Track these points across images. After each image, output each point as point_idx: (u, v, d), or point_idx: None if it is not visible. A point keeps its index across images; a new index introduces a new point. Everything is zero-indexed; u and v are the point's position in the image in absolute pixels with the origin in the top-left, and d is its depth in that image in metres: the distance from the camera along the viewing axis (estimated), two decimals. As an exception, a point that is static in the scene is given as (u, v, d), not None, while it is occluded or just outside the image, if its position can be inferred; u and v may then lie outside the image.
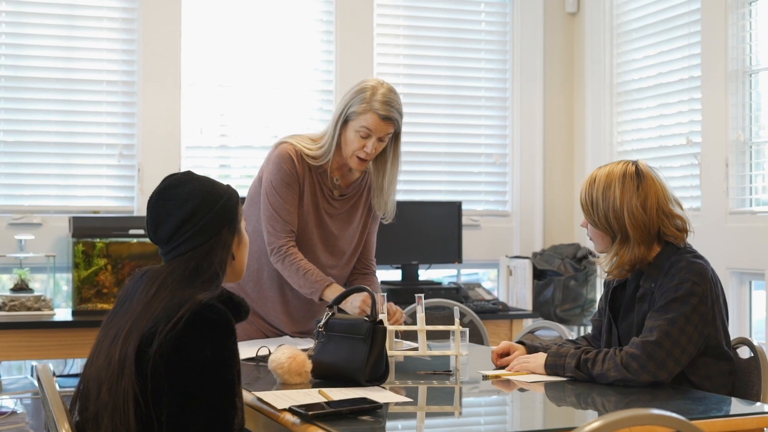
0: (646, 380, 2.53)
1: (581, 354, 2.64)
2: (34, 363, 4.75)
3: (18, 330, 4.44)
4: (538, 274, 5.65)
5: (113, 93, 5.25)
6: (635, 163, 2.76)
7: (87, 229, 4.73)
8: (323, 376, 2.59)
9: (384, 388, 2.51)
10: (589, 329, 3.38)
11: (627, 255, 2.70)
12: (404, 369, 2.87)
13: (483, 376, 2.76)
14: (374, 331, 2.54)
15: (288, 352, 2.56)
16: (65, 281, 5.07)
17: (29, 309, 4.58)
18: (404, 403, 2.38)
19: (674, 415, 1.71)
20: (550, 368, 2.69)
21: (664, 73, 5.43)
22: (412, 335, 3.05)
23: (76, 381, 2.19)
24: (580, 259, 5.59)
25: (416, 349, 2.93)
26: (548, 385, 2.63)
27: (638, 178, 2.72)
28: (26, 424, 4.35)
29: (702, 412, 2.26)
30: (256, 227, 3.28)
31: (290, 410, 2.19)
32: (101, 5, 5.22)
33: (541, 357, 2.74)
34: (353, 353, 2.54)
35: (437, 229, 5.45)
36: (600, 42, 5.87)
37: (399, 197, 3.42)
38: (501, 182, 6.06)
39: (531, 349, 2.87)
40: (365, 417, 2.17)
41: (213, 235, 2.18)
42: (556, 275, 5.56)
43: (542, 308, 5.54)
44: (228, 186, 2.27)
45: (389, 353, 2.67)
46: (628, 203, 2.69)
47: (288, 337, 3.32)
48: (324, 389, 2.38)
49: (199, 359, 2.01)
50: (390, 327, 2.81)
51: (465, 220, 5.66)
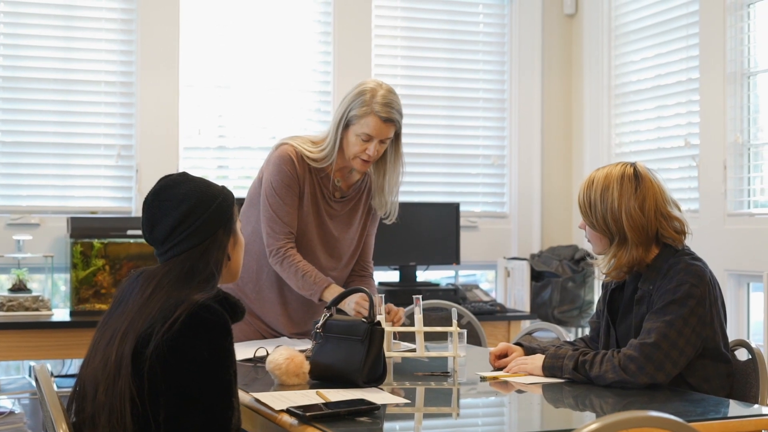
0: (644, 382, 2.53)
1: (579, 355, 2.64)
2: (32, 363, 4.74)
3: (16, 330, 4.43)
4: (536, 276, 5.65)
5: (111, 93, 5.25)
6: (633, 165, 2.76)
7: (85, 230, 4.72)
8: (321, 377, 2.59)
9: (382, 390, 2.51)
10: (587, 331, 3.38)
11: (625, 257, 2.70)
12: (402, 370, 2.87)
13: (481, 378, 2.76)
14: (372, 333, 2.54)
15: (286, 353, 2.56)
16: (63, 281, 5.07)
17: (27, 309, 4.57)
18: (402, 405, 2.38)
19: (672, 417, 1.71)
20: (548, 370, 2.69)
21: (663, 75, 5.43)
22: (410, 336, 3.06)
23: (74, 381, 2.19)
24: (578, 261, 5.59)
25: (414, 351, 2.94)
26: (546, 387, 2.63)
27: (636, 180, 2.72)
28: (24, 424, 4.35)
29: (700, 414, 2.26)
30: (256, 228, 3.28)
31: (288, 411, 2.19)
32: (100, 6, 5.22)
33: (539, 359, 2.74)
34: (351, 354, 2.54)
35: (435, 231, 5.45)
36: (598, 43, 5.87)
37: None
38: (499, 183, 6.06)
39: (529, 351, 2.87)
40: (363, 418, 2.17)
41: (208, 236, 2.18)
42: (554, 277, 5.56)
43: (540, 310, 5.54)
44: (223, 187, 2.27)
45: (387, 354, 2.67)
46: (626, 205, 2.69)
47: (286, 338, 3.32)
48: (322, 390, 2.38)
49: (196, 360, 2.01)
50: (388, 328, 2.81)
51: (463, 222, 5.66)
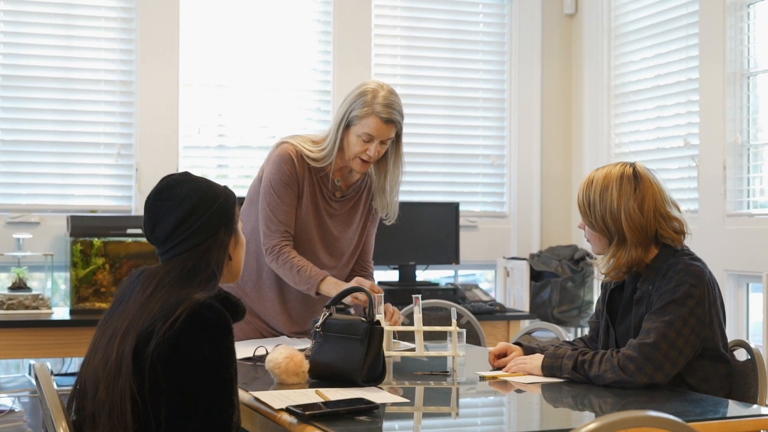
0: (643, 382, 2.53)
1: (578, 355, 2.64)
2: (32, 361, 4.74)
3: (16, 328, 4.43)
4: (535, 276, 5.65)
5: (111, 92, 5.25)
6: (633, 165, 2.76)
7: (85, 228, 4.72)
8: (320, 377, 2.59)
9: (381, 389, 2.51)
10: (586, 331, 3.38)
11: (624, 257, 2.70)
12: (401, 369, 2.87)
13: (480, 377, 2.76)
14: (371, 332, 2.55)
15: (285, 352, 2.56)
16: (63, 280, 5.07)
17: (27, 308, 4.58)
18: (401, 404, 2.38)
19: (671, 417, 1.71)
20: (547, 369, 2.70)
21: (662, 75, 5.44)
22: (410, 336, 3.06)
23: (74, 380, 2.19)
24: (578, 261, 5.59)
25: (413, 350, 2.94)
26: (545, 387, 2.63)
27: (636, 180, 2.72)
28: (24, 423, 4.35)
29: (699, 414, 2.26)
30: (256, 227, 3.29)
31: (287, 410, 2.19)
32: (100, 5, 5.22)
33: (538, 358, 2.74)
34: (350, 353, 2.54)
35: (435, 230, 5.45)
36: (598, 43, 5.87)
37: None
38: (498, 183, 6.06)
39: (528, 351, 2.87)
40: (362, 417, 2.17)
41: (210, 236, 2.19)
42: (554, 276, 5.56)
43: (539, 309, 5.55)
44: (225, 187, 2.27)
45: (386, 354, 2.67)
46: (626, 205, 2.69)
47: (285, 337, 3.32)
48: (321, 389, 2.38)
49: (197, 358, 2.01)
50: (387, 327, 2.82)
51: (462, 221, 5.66)
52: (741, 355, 2.80)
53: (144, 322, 2.05)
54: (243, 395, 2.37)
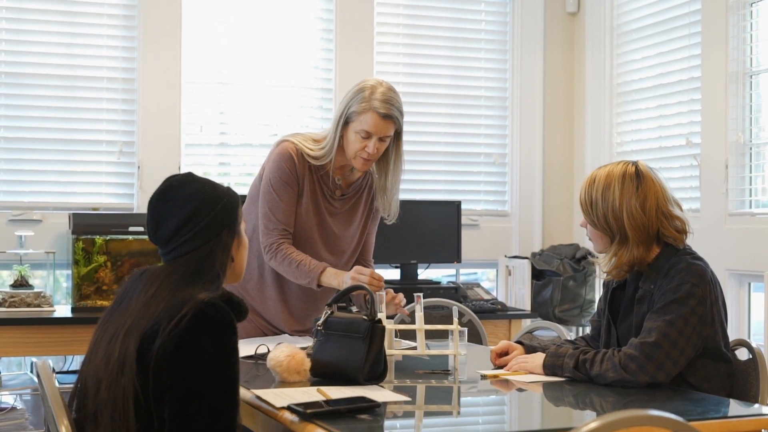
0: (645, 381, 2.53)
1: (580, 354, 2.64)
2: (34, 359, 4.75)
3: (18, 326, 4.43)
4: (537, 275, 5.65)
5: (113, 90, 5.25)
6: (635, 164, 2.76)
7: (87, 226, 4.72)
8: (322, 375, 2.59)
9: (382, 387, 2.51)
10: (588, 330, 3.38)
11: (626, 256, 2.70)
12: (403, 368, 2.87)
13: (481, 376, 2.76)
14: (373, 330, 2.55)
15: (287, 351, 2.56)
16: (65, 278, 5.07)
17: (29, 305, 4.58)
18: (402, 402, 2.38)
19: (672, 416, 1.71)
20: (549, 368, 2.70)
21: (664, 74, 5.43)
22: (411, 334, 3.06)
23: (75, 378, 2.19)
24: (579, 260, 5.59)
25: (415, 349, 2.94)
26: (546, 386, 2.63)
27: (638, 179, 2.72)
28: (26, 420, 4.35)
29: (700, 414, 2.26)
30: (257, 225, 3.29)
31: (289, 408, 2.19)
32: (102, 2, 5.22)
33: (540, 357, 2.74)
34: (352, 352, 2.54)
35: (436, 229, 5.45)
36: (600, 42, 5.87)
37: (399, 196, 3.42)
38: (500, 182, 6.06)
39: (529, 349, 2.87)
40: (363, 416, 2.17)
41: (213, 237, 2.19)
42: (555, 275, 5.56)
43: (541, 308, 5.54)
44: (228, 188, 2.27)
45: (388, 352, 2.67)
46: (628, 204, 2.69)
47: (287, 336, 3.32)
48: (322, 388, 2.38)
49: (203, 357, 2.02)
50: (389, 326, 2.82)
51: (464, 220, 5.66)
52: (742, 355, 2.80)
53: (148, 322, 2.05)
54: (244, 393, 2.37)
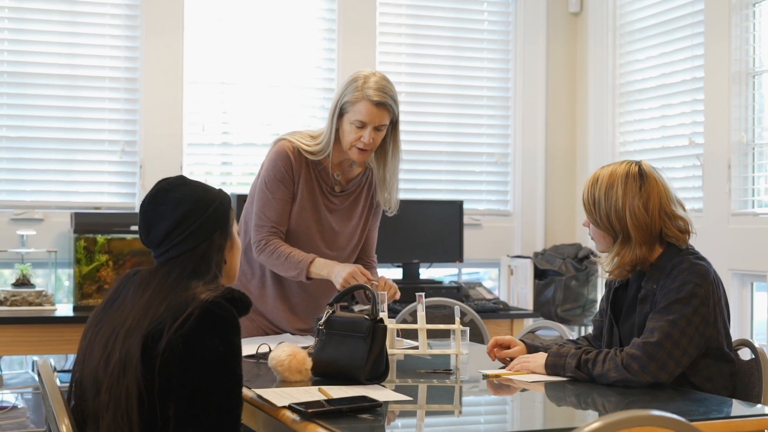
0: (647, 381, 2.53)
1: (582, 354, 2.64)
2: (35, 358, 4.75)
3: (19, 325, 4.44)
4: (539, 274, 5.64)
5: (116, 90, 5.25)
6: (638, 164, 2.75)
7: (88, 225, 4.73)
8: (323, 374, 2.59)
9: (384, 387, 2.51)
10: (590, 329, 3.38)
11: (628, 255, 2.70)
12: (404, 367, 2.87)
13: (483, 376, 2.75)
14: (374, 330, 2.54)
15: (288, 350, 2.56)
16: (66, 277, 5.07)
17: (31, 304, 4.58)
18: (404, 402, 2.38)
19: (674, 417, 1.70)
20: (551, 368, 2.69)
21: (667, 74, 5.43)
22: (413, 334, 3.05)
23: (69, 380, 2.19)
24: (582, 259, 5.59)
25: (417, 348, 2.94)
26: (548, 385, 2.63)
27: (641, 179, 2.71)
28: (27, 419, 4.35)
29: (702, 414, 2.25)
30: (256, 224, 3.30)
31: (290, 408, 2.19)
32: (104, 2, 5.22)
33: (542, 357, 2.74)
34: (353, 351, 2.54)
35: (438, 228, 5.45)
36: (603, 42, 5.86)
37: (401, 196, 3.41)
38: (503, 182, 6.06)
39: (531, 349, 2.87)
40: (365, 415, 2.17)
41: (205, 239, 2.19)
42: (557, 275, 5.56)
43: (543, 308, 5.54)
44: (220, 190, 2.28)
45: (389, 352, 2.67)
46: (631, 204, 2.69)
47: (288, 335, 3.32)
48: (324, 387, 2.38)
49: (210, 355, 2.02)
50: (390, 326, 2.81)
51: (466, 219, 5.66)
52: (745, 355, 2.80)
53: (150, 322, 2.05)
54: (246, 392, 2.37)
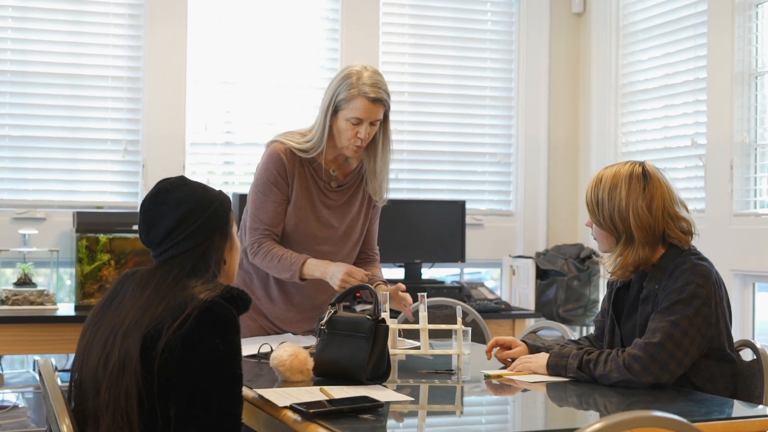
0: (649, 382, 2.53)
1: (583, 354, 2.64)
2: (36, 357, 4.75)
3: (21, 324, 4.45)
4: (541, 274, 5.64)
5: (119, 89, 5.25)
6: (642, 164, 2.75)
7: (91, 225, 4.73)
8: (325, 374, 2.59)
9: (385, 387, 2.51)
10: (592, 330, 3.37)
11: (631, 256, 2.70)
12: (406, 368, 2.87)
13: (485, 376, 2.75)
14: (376, 330, 2.54)
15: (290, 350, 2.56)
16: (68, 276, 5.08)
17: (32, 303, 4.58)
18: (405, 402, 2.38)
19: (676, 417, 1.70)
20: (552, 368, 2.69)
21: (670, 74, 5.43)
22: (415, 334, 3.05)
23: (68, 381, 2.19)
24: (584, 260, 5.58)
25: (418, 348, 2.93)
26: (550, 386, 2.62)
27: (645, 180, 2.71)
28: (28, 418, 4.35)
29: (704, 415, 2.25)
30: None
31: (291, 408, 2.19)
32: (108, 1, 5.22)
33: (543, 357, 2.74)
34: (355, 351, 2.54)
35: (441, 228, 5.45)
36: (606, 42, 5.86)
37: (402, 196, 3.41)
38: (505, 182, 6.05)
39: (533, 349, 2.87)
40: (366, 415, 2.16)
41: (204, 239, 2.19)
42: (559, 275, 5.56)
43: (545, 308, 5.54)
44: (220, 191, 2.28)
45: (391, 352, 2.67)
46: (634, 204, 2.68)
47: (290, 335, 3.32)
48: (325, 387, 2.38)
49: (210, 354, 2.03)
50: (392, 326, 2.81)
51: (468, 220, 5.66)
52: (747, 356, 2.79)
53: (149, 322, 2.05)
54: (247, 392, 2.37)
